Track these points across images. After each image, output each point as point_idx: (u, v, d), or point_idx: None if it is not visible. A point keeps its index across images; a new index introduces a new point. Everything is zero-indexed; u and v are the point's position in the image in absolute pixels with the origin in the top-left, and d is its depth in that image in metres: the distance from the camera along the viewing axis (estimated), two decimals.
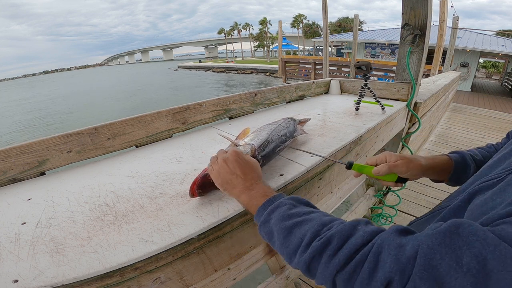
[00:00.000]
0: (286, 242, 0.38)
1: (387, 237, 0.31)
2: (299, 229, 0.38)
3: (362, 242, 0.32)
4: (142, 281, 0.47)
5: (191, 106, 1.05)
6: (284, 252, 0.39)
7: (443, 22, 5.41)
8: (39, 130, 10.97)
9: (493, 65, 21.22)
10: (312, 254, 0.34)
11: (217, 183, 0.54)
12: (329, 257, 0.33)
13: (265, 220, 0.43)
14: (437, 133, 4.02)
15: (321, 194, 0.89)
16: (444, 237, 0.27)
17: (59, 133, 0.78)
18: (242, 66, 28.74)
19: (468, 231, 0.27)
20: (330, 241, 0.33)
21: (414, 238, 0.29)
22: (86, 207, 0.59)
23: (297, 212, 0.41)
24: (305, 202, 0.45)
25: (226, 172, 0.53)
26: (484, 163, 0.54)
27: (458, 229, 0.27)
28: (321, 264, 0.33)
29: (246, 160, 0.55)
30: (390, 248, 0.29)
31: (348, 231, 0.34)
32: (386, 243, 0.30)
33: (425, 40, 1.33)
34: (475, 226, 0.27)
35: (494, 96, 10.06)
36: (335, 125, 1.10)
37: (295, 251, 0.37)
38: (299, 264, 0.36)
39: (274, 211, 0.43)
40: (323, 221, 0.37)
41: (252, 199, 0.48)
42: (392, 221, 2.03)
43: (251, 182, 0.51)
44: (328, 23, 2.55)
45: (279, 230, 0.40)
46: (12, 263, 0.43)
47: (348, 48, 20.74)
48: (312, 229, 0.36)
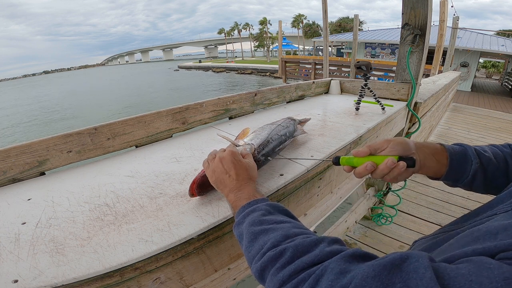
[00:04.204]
0: (249, 247, 0.39)
1: (335, 261, 0.30)
2: (264, 237, 0.38)
3: (312, 262, 0.31)
4: (142, 281, 0.47)
5: (191, 106, 1.05)
6: (246, 256, 0.40)
7: (443, 22, 5.41)
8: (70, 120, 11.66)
9: (493, 65, 21.21)
10: (264, 263, 0.34)
11: (211, 180, 0.55)
12: (276, 270, 0.32)
13: (239, 222, 0.44)
14: (437, 133, 4.02)
15: (321, 194, 0.89)
16: (383, 270, 0.25)
17: (59, 133, 0.78)
18: (242, 66, 28.76)
19: (412, 267, 0.25)
20: (282, 254, 0.33)
21: (359, 267, 0.28)
22: (86, 207, 0.59)
23: (269, 219, 0.41)
24: (283, 210, 0.45)
25: (220, 171, 0.53)
26: (493, 165, 0.48)
27: (403, 263, 0.25)
28: (270, 274, 0.33)
29: (241, 162, 0.55)
30: (331, 274, 0.28)
31: (305, 248, 0.33)
32: (331, 268, 0.29)
33: (425, 40, 1.33)
34: (420, 262, 0.25)
35: (494, 96, 10.06)
36: (335, 125, 1.10)
37: (254, 257, 0.37)
38: (253, 270, 0.37)
39: (249, 214, 0.43)
40: (289, 233, 0.37)
41: (237, 199, 0.49)
42: (392, 221, 2.03)
43: (241, 183, 0.51)
44: (328, 23, 2.55)
45: (247, 234, 0.40)
46: (12, 263, 0.43)
47: (348, 48, 20.74)
48: (274, 239, 0.36)
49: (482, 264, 0.23)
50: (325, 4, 2.45)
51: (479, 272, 0.22)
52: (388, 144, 0.47)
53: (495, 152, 0.50)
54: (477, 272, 0.22)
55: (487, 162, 0.49)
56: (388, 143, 0.47)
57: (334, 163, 0.53)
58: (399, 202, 2.02)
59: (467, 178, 0.49)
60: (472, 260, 0.24)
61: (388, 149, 0.47)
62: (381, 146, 0.48)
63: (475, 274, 0.22)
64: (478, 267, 0.23)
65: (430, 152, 0.49)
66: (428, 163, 0.49)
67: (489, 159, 0.49)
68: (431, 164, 0.49)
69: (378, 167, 0.46)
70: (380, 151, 0.48)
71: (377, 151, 0.48)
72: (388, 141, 0.47)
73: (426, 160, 0.48)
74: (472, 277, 0.22)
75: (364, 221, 2.08)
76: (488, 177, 0.49)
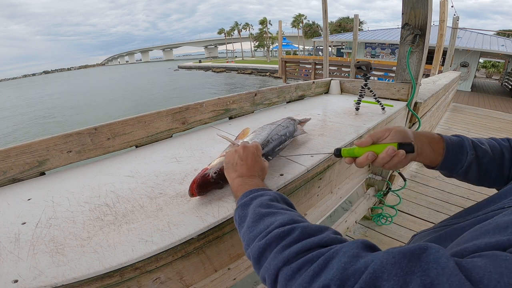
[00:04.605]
0: (252, 226, 0.38)
1: (348, 245, 0.29)
2: (270, 218, 0.37)
3: (319, 243, 0.31)
4: (142, 281, 0.47)
5: (191, 106, 1.05)
6: (246, 237, 0.38)
7: (443, 22, 5.41)
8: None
9: (493, 65, 21.21)
10: (269, 240, 0.33)
11: (225, 161, 0.57)
12: (282, 247, 0.31)
13: (245, 203, 0.43)
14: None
15: (321, 194, 0.89)
16: (402, 258, 0.25)
17: (59, 133, 0.78)
18: (242, 66, 28.75)
19: (433, 257, 0.24)
20: (290, 233, 0.33)
21: (374, 254, 0.27)
22: (86, 207, 0.59)
23: (276, 205, 0.41)
24: (289, 202, 0.46)
25: (238, 156, 0.55)
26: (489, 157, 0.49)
27: (423, 253, 0.25)
28: (273, 253, 0.32)
29: (260, 159, 0.58)
30: (343, 256, 0.27)
31: (313, 230, 0.33)
32: (343, 251, 0.28)
33: (425, 40, 1.33)
34: (441, 253, 0.24)
35: (494, 96, 10.06)
36: (335, 125, 1.10)
37: (256, 236, 0.36)
38: (253, 250, 0.35)
39: (257, 198, 0.43)
40: (296, 218, 0.37)
41: (244, 184, 0.49)
42: (392, 221, 2.03)
43: (252, 174, 0.53)
44: (328, 23, 2.55)
45: (252, 214, 0.40)
46: (12, 263, 0.43)
47: (348, 48, 20.74)
48: (281, 219, 0.36)
49: (497, 257, 0.23)
50: (325, 4, 2.45)
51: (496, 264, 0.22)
52: (389, 132, 0.48)
53: (492, 145, 0.51)
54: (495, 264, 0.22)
55: (482, 154, 0.49)
56: (389, 131, 0.48)
57: (335, 155, 0.54)
58: (399, 202, 2.02)
59: (461, 168, 0.49)
60: (484, 255, 0.24)
61: (388, 138, 0.48)
62: (382, 135, 0.49)
63: (493, 265, 0.22)
64: (494, 260, 0.23)
65: (427, 141, 0.50)
66: (425, 151, 0.49)
67: (485, 151, 0.49)
68: (427, 152, 0.50)
69: (378, 156, 0.47)
70: (381, 140, 0.49)
71: (378, 140, 0.49)
72: (389, 130, 0.49)
73: (423, 148, 0.49)
74: (490, 268, 0.22)
75: (364, 221, 2.08)
76: (482, 169, 0.50)
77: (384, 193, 2.07)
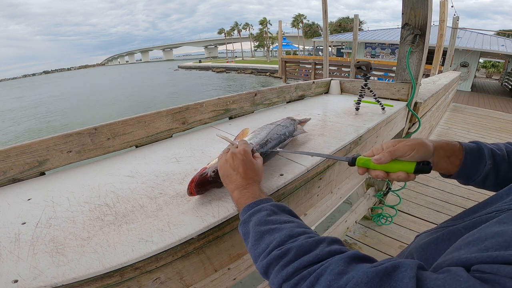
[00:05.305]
0: (255, 245, 0.41)
1: (336, 261, 0.32)
2: (269, 236, 0.40)
3: (313, 260, 0.34)
4: (142, 281, 0.47)
5: (191, 106, 1.05)
6: (252, 254, 0.42)
7: (443, 22, 5.41)
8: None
9: (493, 65, 21.21)
10: (270, 261, 0.37)
11: (220, 173, 0.57)
12: (281, 267, 0.35)
13: (246, 220, 0.46)
14: (437, 133, 4.02)
15: (321, 194, 0.89)
16: (375, 277, 0.28)
17: (59, 133, 0.78)
18: (242, 66, 28.74)
19: (401, 275, 0.27)
20: (286, 253, 0.36)
21: (356, 269, 0.30)
22: (86, 207, 0.59)
23: (274, 219, 0.44)
24: (287, 210, 0.48)
25: (229, 166, 0.55)
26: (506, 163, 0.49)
27: (394, 271, 0.28)
28: (274, 271, 0.36)
29: (251, 161, 0.57)
30: (330, 273, 0.30)
31: (307, 247, 0.36)
32: (330, 268, 0.31)
33: (425, 40, 1.33)
34: (408, 272, 0.27)
35: (494, 96, 10.05)
36: (335, 125, 1.10)
37: (260, 255, 0.40)
38: (258, 267, 0.40)
39: (255, 214, 0.45)
40: (293, 233, 0.39)
41: (242, 197, 0.50)
42: (392, 221, 2.03)
43: (248, 182, 0.53)
44: (328, 23, 2.56)
45: (253, 233, 0.43)
46: (12, 263, 0.43)
47: (348, 48, 20.73)
48: (279, 238, 0.39)
49: (456, 276, 0.25)
50: (325, 4, 2.45)
51: (451, 285, 0.25)
52: (412, 152, 0.47)
53: (510, 150, 0.51)
54: (450, 284, 0.25)
55: (500, 162, 0.49)
56: (412, 150, 0.47)
57: (349, 163, 0.53)
58: (399, 202, 2.02)
59: (478, 177, 0.50)
60: (450, 271, 0.26)
61: (409, 156, 0.47)
62: (404, 153, 0.47)
63: (448, 285, 0.25)
64: (452, 279, 0.25)
65: (446, 155, 0.50)
66: (441, 164, 0.50)
67: (502, 158, 0.49)
68: (443, 165, 0.51)
69: (390, 175, 0.48)
70: (403, 157, 0.48)
71: (400, 157, 0.48)
72: (412, 148, 0.47)
73: (440, 161, 0.50)
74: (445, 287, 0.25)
75: (364, 221, 2.08)
76: (500, 176, 0.50)
77: (384, 193, 2.07)
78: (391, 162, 0.48)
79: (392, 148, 0.48)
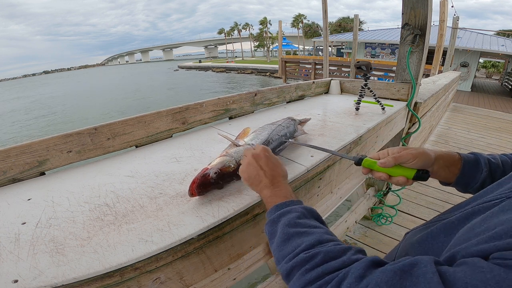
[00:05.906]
0: (281, 246, 0.41)
1: (356, 266, 0.32)
2: (298, 239, 0.40)
3: (339, 267, 0.34)
4: (142, 281, 0.47)
5: (191, 106, 1.05)
6: (276, 254, 0.42)
7: (443, 22, 5.41)
8: None
9: (493, 65, 21.21)
10: (295, 263, 0.37)
11: (243, 177, 0.57)
12: (305, 270, 0.35)
13: (274, 220, 0.45)
14: (437, 133, 4.02)
15: (321, 194, 0.89)
16: (394, 276, 0.28)
17: (59, 133, 0.78)
18: (242, 66, 28.74)
19: (421, 271, 0.27)
20: (314, 257, 0.36)
21: (374, 272, 0.30)
22: (86, 207, 0.59)
23: (303, 223, 0.43)
24: (316, 215, 0.47)
25: (254, 167, 0.55)
26: (500, 171, 0.52)
27: (413, 268, 0.28)
28: (298, 274, 0.36)
29: (275, 157, 0.58)
30: (351, 278, 0.31)
31: (335, 253, 0.36)
32: (351, 272, 0.31)
33: (425, 40, 1.33)
34: (429, 268, 0.27)
35: (494, 96, 10.05)
36: (335, 125, 1.10)
37: (284, 257, 0.39)
38: (282, 269, 0.39)
39: (285, 215, 0.45)
40: (322, 239, 0.39)
41: (273, 195, 0.50)
42: (392, 221, 2.03)
43: (277, 179, 0.53)
44: (328, 23, 2.56)
45: (281, 233, 0.42)
46: (12, 263, 0.43)
47: (348, 48, 20.73)
48: (308, 242, 0.38)
49: (476, 267, 0.25)
50: (325, 4, 2.45)
51: (473, 275, 0.25)
52: (414, 160, 0.51)
53: (504, 160, 0.55)
54: (472, 275, 0.25)
55: (495, 169, 0.53)
56: (414, 158, 0.51)
57: (356, 163, 0.57)
58: (399, 202, 2.02)
59: (476, 184, 0.53)
60: (467, 263, 0.26)
61: (411, 164, 0.51)
62: (407, 160, 0.51)
63: (470, 277, 0.25)
64: (473, 270, 0.25)
65: (445, 164, 0.54)
66: (440, 173, 0.54)
67: (497, 166, 0.53)
68: (442, 174, 0.55)
69: (391, 178, 0.52)
70: (405, 164, 0.52)
71: (403, 164, 0.52)
72: (415, 156, 0.51)
73: (440, 170, 0.54)
74: (467, 279, 0.25)
75: (364, 221, 2.08)
76: None
77: (384, 193, 2.07)
78: (394, 167, 0.52)
79: (397, 154, 0.52)
